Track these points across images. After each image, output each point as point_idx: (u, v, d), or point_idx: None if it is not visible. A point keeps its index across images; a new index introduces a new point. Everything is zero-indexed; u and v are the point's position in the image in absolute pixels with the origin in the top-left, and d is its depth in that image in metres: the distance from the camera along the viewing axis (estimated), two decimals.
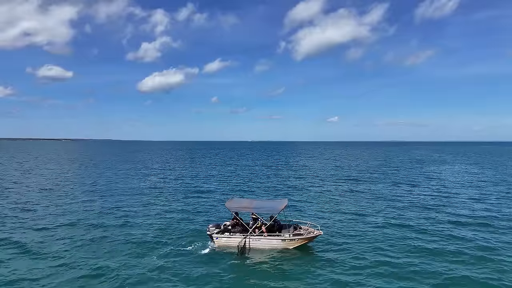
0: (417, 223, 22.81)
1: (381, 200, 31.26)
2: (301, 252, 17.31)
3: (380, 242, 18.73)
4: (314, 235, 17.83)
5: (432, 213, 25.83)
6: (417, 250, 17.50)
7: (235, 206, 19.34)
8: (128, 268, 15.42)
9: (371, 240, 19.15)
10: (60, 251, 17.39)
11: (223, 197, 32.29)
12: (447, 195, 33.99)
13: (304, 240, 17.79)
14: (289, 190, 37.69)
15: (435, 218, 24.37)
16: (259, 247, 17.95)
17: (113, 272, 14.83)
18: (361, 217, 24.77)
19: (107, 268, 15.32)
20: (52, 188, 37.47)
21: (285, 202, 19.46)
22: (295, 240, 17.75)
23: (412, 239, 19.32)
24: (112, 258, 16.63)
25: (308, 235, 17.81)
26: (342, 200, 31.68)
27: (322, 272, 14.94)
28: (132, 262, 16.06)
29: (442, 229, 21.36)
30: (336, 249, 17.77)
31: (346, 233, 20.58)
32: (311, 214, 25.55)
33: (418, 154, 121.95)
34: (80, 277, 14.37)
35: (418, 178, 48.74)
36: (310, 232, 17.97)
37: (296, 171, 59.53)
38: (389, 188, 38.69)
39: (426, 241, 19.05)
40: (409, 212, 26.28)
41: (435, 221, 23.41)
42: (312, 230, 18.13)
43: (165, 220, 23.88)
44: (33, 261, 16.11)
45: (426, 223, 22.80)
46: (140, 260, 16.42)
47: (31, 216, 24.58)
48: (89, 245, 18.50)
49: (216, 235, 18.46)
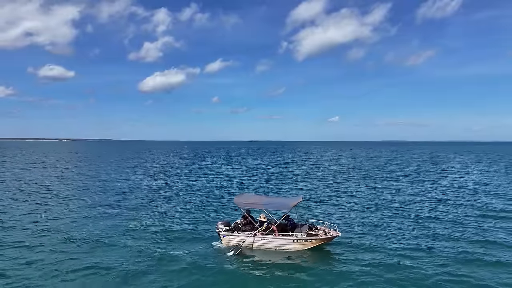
0: (446, 225, 21.10)
1: (400, 199, 29.87)
2: (315, 254, 16.18)
3: (402, 245, 17.40)
4: (330, 236, 16.59)
5: (460, 214, 24.20)
6: (446, 255, 15.93)
7: (243, 201, 18.31)
8: (131, 265, 14.85)
9: (394, 243, 17.69)
10: (63, 251, 16.69)
11: (234, 195, 30.83)
12: (472, 194, 32.51)
13: (319, 241, 16.55)
14: (302, 188, 36.49)
15: (465, 220, 22.59)
16: (269, 247, 16.85)
17: (112, 271, 14.31)
18: (380, 216, 23.53)
19: (107, 266, 14.83)
20: (55, 188, 36.44)
21: (298, 199, 18.25)
22: (309, 241, 16.54)
23: (439, 241, 17.96)
24: (112, 256, 15.95)
25: (323, 236, 16.59)
26: (359, 199, 30.31)
27: (337, 277, 13.80)
28: (135, 260, 15.46)
29: (475, 232, 19.67)
30: (354, 251, 16.62)
31: (365, 234, 19.31)
32: (327, 214, 24.29)
33: (425, 153, 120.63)
34: (80, 274, 14.01)
35: (434, 177, 47.43)
36: (326, 233, 16.75)
37: (307, 170, 58.04)
38: (407, 187, 37.20)
39: (457, 245, 17.48)
40: (433, 211, 24.96)
41: (465, 223, 21.79)
42: (328, 231, 16.92)
43: (171, 217, 23.07)
44: (30, 260, 15.43)
45: (456, 225, 21.11)
46: (144, 257, 15.75)
47: (31, 217, 23.67)
48: (92, 241, 17.95)
49: (224, 233, 17.45)
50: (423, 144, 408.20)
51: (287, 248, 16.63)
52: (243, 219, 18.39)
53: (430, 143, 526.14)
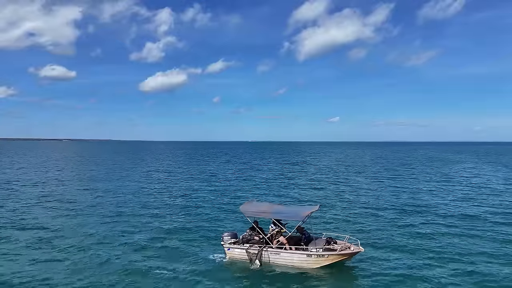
0: (488, 242, 18.22)
1: (428, 208, 26.60)
2: (333, 272, 14.16)
3: (437, 267, 14.87)
4: (351, 252, 14.46)
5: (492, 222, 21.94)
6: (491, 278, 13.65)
7: (251, 210, 16.42)
8: (129, 274, 14.08)
9: (426, 263, 15.09)
10: (66, 253, 16.52)
11: (243, 200, 28.31)
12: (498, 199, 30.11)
13: (337, 257, 14.43)
14: (316, 193, 34.19)
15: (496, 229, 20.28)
16: (280, 263, 14.94)
17: (113, 276, 13.77)
18: (410, 228, 20.89)
19: (109, 271, 14.31)
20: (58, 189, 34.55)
21: (313, 207, 16.28)
22: (325, 257, 14.42)
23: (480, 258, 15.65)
24: (114, 261, 15.35)
25: (342, 251, 14.44)
26: (382, 207, 27.19)
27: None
28: (133, 268, 14.66)
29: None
30: (378, 270, 14.51)
31: (393, 248, 16.99)
32: (346, 224, 21.77)
33: (431, 154, 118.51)
34: (84, 278, 13.65)
35: (453, 179, 45.17)
36: (346, 248, 14.65)
37: (318, 172, 55.10)
38: (431, 193, 34.00)
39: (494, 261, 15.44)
40: (470, 221, 22.48)
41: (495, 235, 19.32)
42: (349, 245, 14.82)
43: (174, 224, 21.74)
44: (39, 260, 15.49)
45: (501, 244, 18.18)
46: (140, 267, 14.74)
47: (34, 216, 22.53)
48: (97, 247, 17.31)
49: (228, 245, 15.66)
50: (424, 144, 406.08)
51: (300, 264, 14.67)
52: (250, 230, 16.35)
53: (431, 143, 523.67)
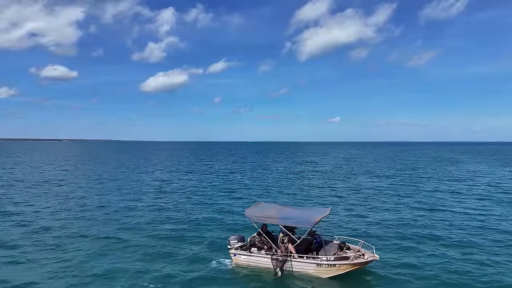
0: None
1: (445, 208, 25.74)
2: (345, 281, 13.24)
3: (461, 273, 13.88)
4: (365, 261, 13.43)
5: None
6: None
7: (257, 215, 15.21)
8: (128, 277, 13.64)
9: (446, 271, 14.11)
10: (66, 253, 16.31)
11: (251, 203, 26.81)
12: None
13: (350, 267, 13.40)
14: (327, 194, 33.10)
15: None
16: (290, 270, 13.99)
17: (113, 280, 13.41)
18: (429, 230, 19.89)
19: (110, 274, 13.91)
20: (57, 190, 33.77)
21: (325, 212, 15.00)
22: (337, 266, 13.34)
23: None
24: (114, 263, 14.98)
25: (355, 261, 13.36)
26: (398, 209, 25.81)
27: None
28: (132, 271, 14.17)
29: None
30: (394, 278, 13.54)
31: (411, 256, 15.82)
32: (360, 226, 20.72)
33: (435, 154, 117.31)
34: (85, 280, 13.35)
35: (465, 180, 43.99)
36: (360, 255, 13.70)
37: (325, 173, 53.56)
38: (445, 194, 32.60)
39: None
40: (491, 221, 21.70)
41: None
42: (363, 252, 13.85)
43: (179, 226, 21.04)
44: (38, 264, 15.08)
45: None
46: (140, 270, 14.28)
47: (35, 216, 22.87)
48: (98, 248, 16.95)
49: (234, 251, 14.77)
50: (424, 144, 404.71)
51: (309, 273, 13.73)
52: (258, 235, 15.49)
53: (431, 143, 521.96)
